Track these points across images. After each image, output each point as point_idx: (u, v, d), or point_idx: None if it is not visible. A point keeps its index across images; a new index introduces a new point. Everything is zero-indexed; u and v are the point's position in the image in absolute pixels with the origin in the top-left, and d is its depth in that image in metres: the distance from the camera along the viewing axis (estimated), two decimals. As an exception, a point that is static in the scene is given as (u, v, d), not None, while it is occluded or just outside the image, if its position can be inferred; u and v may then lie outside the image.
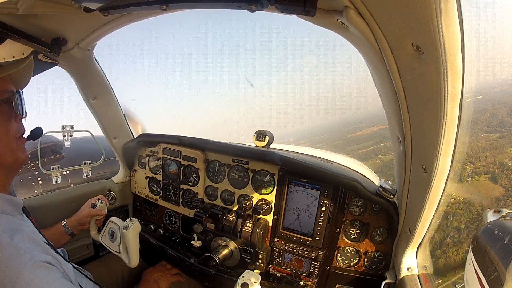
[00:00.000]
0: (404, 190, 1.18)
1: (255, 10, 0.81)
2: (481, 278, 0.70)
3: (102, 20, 1.24)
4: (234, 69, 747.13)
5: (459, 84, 0.61)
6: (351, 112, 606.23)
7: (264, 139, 1.84)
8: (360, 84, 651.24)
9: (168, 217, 2.24)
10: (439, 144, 0.74)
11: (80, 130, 2.14)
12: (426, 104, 0.73)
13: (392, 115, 0.99)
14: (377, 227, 1.56)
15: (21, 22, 1.04)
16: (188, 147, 2.02)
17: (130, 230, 1.51)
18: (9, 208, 1.08)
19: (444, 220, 17.92)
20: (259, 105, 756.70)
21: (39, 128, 1.27)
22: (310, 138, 71.86)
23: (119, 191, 2.31)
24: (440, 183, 0.87)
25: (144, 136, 2.22)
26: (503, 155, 33.21)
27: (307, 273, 1.70)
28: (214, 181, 1.99)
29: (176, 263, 1.93)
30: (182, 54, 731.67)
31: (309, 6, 0.75)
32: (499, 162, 30.66)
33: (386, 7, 0.65)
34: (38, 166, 2.10)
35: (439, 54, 0.56)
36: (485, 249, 0.71)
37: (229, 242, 1.76)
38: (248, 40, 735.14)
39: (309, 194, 1.66)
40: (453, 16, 0.51)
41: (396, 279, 1.34)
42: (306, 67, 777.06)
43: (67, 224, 1.71)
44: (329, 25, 0.87)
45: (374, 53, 0.79)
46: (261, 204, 1.80)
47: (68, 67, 1.61)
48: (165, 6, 0.90)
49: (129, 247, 1.53)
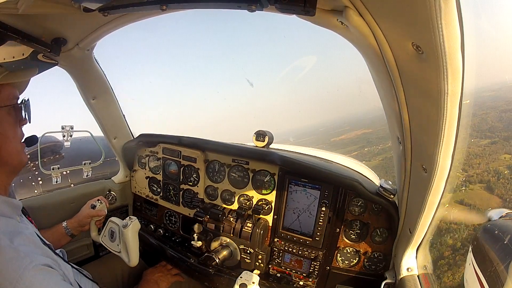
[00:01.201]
0: (404, 190, 1.18)
1: (255, 10, 0.81)
2: (481, 278, 0.70)
3: (102, 20, 1.25)
4: (234, 69, 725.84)
5: (459, 84, 0.61)
6: (337, 115, 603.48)
7: (264, 139, 1.84)
8: (360, 84, 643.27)
9: (168, 217, 2.24)
10: (439, 144, 0.74)
11: (80, 130, 2.14)
12: (426, 104, 0.73)
13: (392, 115, 0.99)
14: (377, 227, 1.56)
15: (21, 22, 1.04)
16: (188, 147, 2.02)
17: (129, 228, 1.51)
18: (8, 211, 1.09)
19: (437, 237, 16.95)
20: (251, 105, 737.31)
21: (34, 136, 1.33)
22: (293, 141, 70.29)
23: (119, 191, 2.31)
24: (440, 183, 0.87)
25: (144, 136, 2.22)
26: (498, 162, 31.77)
27: (307, 273, 1.70)
28: (214, 181, 1.99)
29: (176, 263, 1.93)
30: (182, 54, 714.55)
31: (309, 6, 0.75)
32: (494, 170, 29.62)
33: (386, 7, 0.65)
34: (38, 166, 2.10)
35: (439, 54, 0.56)
36: (485, 249, 0.71)
37: (229, 242, 1.76)
38: (248, 40, 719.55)
39: (309, 194, 1.66)
40: (453, 16, 0.51)
41: (396, 279, 1.34)
42: (306, 67, 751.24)
43: (68, 225, 1.71)
44: (329, 25, 0.87)
45: (374, 53, 0.79)
46: (261, 204, 1.80)
47: (68, 67, 1.61)
48: (164, 6, 0.90)
49: (128, 245, 1.53)
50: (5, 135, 1.10)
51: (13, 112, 1.14)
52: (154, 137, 2.17)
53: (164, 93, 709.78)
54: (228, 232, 1.77)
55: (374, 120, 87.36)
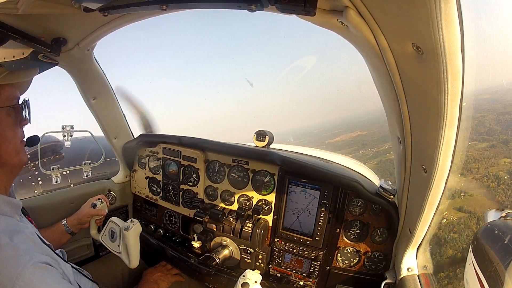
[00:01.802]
0: (404, 190, 1.18)
1: (255, 10, 0.80)
2: (481, 278, 0.70)
3: (102, 20, 1.24)
4: (234, 69, 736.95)
5: (459, 84, 0.61)
6: (332, 116, 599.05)
7: (264, 139, 1.84)
8: (360, 84, 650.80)
9: (168, 217, 2.24)
10: (439, 144, 0.74)
11: (80, 130, 2.14)
12: (426, 104, 0.73)
13: (392, 115, 0.99)
14: (377, 227, 1.56)
15: (21, 22, 1.04)
16: (188, 147, 2.02)
17: (131, 231, 1.51)
18: (9, 210, 1.10)
19: (437, 247, 16.05)
20: (250, 106, 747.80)
21: (35, 136, 1.34)
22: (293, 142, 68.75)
23: (119, 191, 2.31)
24: (440, 183, 0.87)
25: (144, 136, 2.22)
26: (497, 166, 29.71)
27: (307, 273, 1.70)
28: (214, 181, 1.99)
29: (176, 263, 1.92)
30: (182, 54, 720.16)
31: (309, 6, 0.75)
32: (494, 175, 27.75)
33: (386, 7, 0.65)
34: (38, 166, 2.10)
35: (439, 54, 0.56)
36: (485, 249, 0.71)
37: (229, 242, 1.76)
38: (248, 40, 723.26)
39: (309, 194, 1.66)
40: (453, 16, 0.51)
41: (396, 279, 1.34)
42: (305, 67, 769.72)
43: (67, 223, 1.71)
44: (329, 25, 0.87)
45: (374, 53, 0.79)
46: (261, 204, 1.80)
47: (68, 67, 1.61)
48: (164, 6, 0.90)
49: (129, 248, 1.53)
50: (4, 136, 1.10)
51: (13, 113, 1.14)
52: (154, 137, 2.17)
53: (164, 93, 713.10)
54: (228, 232, 1.77)
55: (370, 122, 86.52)
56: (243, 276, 1.24)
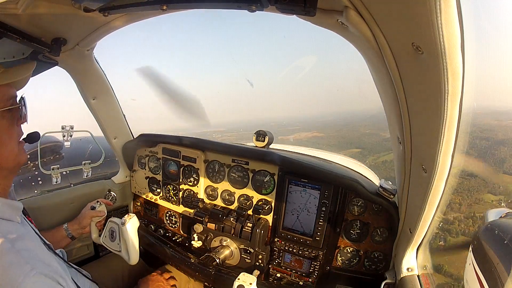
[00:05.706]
0: (404, 190, 1.18)
1: (255, 10, 0.81)
2: (481, 278, 0.70)
3: (102, 20, 1.24)
4: (234, 69, 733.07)
5: (459, 84, 0.61)
6: (296, 113, 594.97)
7: (264, 139, 1.85)
8: (360, 84, 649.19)
9: (168, 217, 2.24)
10: (439, 144, 0.74)
11: (80, 130, 2.14)
12: (426, 104, 0.73)
13: (392, 115, 0.99)
14: (377, 227, 1.56)
15: (21, 22, 1.04)
16: (187, 147, 2.02)
17: (128, 224, 1.52)
18: (9, 213, 1.08)
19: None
20: (249, 106, 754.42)
21: (36, 132, 1.28)
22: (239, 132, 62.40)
23: (119, 192, 2.31)
24: (440, 183, 0.87)
25: (144, 136, 2.21)
26: (482, 204, 25.33)
27: (307, 273, 1.70)
28: (214, 181, 1.99)
29: (176, 263, 1.92)
30: (182, 54, 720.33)
31: (309, 6, 0.75)
32: (480, 217, 24.47)
33: (386, 7, 0.65)
34: (38, 166, 2.10)
35: (439, 54, 0.56)
36: (485, 249, 0.71)
37: (229, 242, 1.76)
38: (248, 40, 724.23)
39: (309, 194, 1.66)
40: (453, 16, 0.51)
41: (396, 279, 1.34)
42: (306, 67, 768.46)
43: (68, 227, 1.71)
44: (329, 25, 0.87)
45: (374, 53, 0.79)
46: (261, 204, 1.80)
47: (68, 67, 1.61)
48: (165, 6, 0.90)
49: (128, 242, 1.54)
50: (0, 141, 1.05)
51: (8, 114, 1.08)
52: (154, 137, 2.17)
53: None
54: (228, 232, 1.77)
55: (330, 124, 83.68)
56: (238, 279, 1.24)
